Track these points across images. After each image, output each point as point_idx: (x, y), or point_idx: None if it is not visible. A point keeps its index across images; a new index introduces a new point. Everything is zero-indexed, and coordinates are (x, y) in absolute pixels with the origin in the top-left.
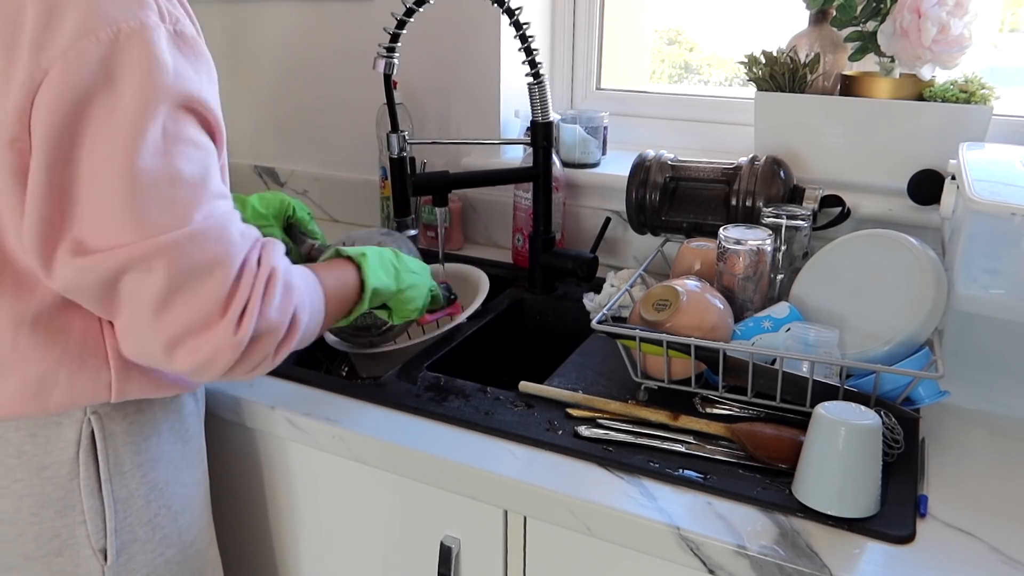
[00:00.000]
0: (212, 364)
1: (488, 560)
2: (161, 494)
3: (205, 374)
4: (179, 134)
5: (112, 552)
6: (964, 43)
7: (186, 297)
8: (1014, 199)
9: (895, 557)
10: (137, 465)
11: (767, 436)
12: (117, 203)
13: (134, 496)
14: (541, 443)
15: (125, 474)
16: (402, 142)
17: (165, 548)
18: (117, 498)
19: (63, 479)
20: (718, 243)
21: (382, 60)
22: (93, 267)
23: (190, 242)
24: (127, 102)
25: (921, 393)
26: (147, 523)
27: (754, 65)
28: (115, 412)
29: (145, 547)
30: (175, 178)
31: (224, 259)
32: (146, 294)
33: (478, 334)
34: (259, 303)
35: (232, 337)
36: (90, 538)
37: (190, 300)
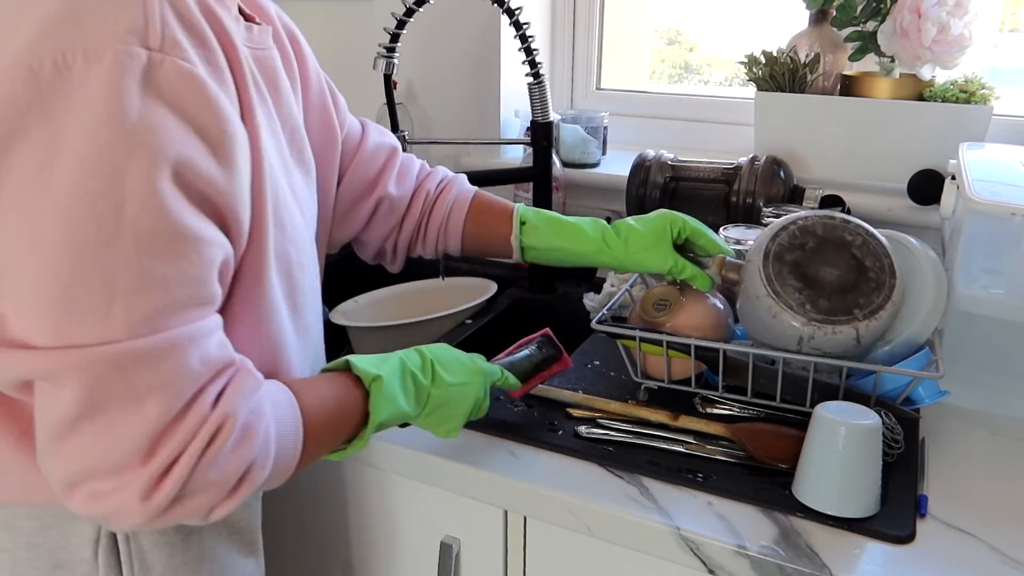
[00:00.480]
0: (112, 519)
1: (488, 560)
2: None
3: (106, 524)
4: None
5: None
6: (964, 43)
7: (99, 429)
8: (1014, 199)
9: (895, 557)
10: (171, 570)
11: (767, 436)
12: (37, 292)
13: None
14: (541, 443)
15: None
16: (402, 142)
17: None
18: None
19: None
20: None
21: (382, 60)
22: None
23: (122, 363)
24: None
25: (921, 393)
26: None
27: (754, 65)
28: None
29: None
30: (124, 277)
31: (165, 392)
32: (51, 411)
33: (478, 334)
34: (196, 457)
35: (143, 496)
36: None
37: (102, 434)
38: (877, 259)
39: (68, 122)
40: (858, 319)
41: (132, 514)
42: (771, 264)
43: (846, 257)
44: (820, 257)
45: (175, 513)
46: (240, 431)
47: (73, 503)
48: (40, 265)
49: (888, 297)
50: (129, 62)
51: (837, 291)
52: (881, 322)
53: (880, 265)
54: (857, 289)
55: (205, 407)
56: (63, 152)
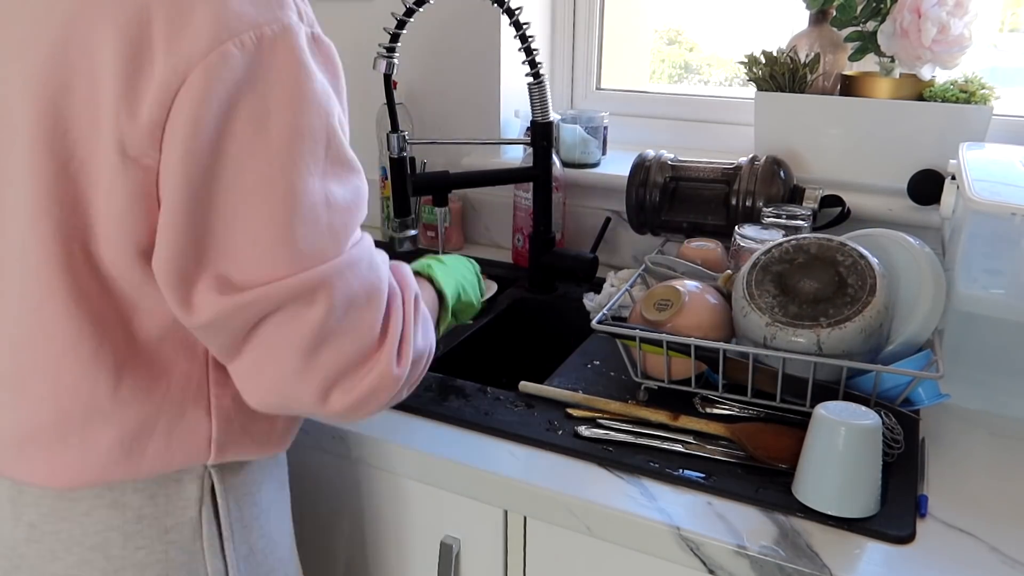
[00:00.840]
0: (369, 402)
1: (488, 560)
2: (275, 547)
3: (358, 413)
4: (331, 149)
5: None
6: (964, 43)
7: (344, 331)
8: (1014, 199)
9: (895, 557)
10: (254, 518)
11: (767, 436)
12: (272, 230)
13: (254, 551)
14: (541, 443)
15: (246, 528)
16: (402, 142)
17: None
18: (240, 555)
19: (187, 541)
20: (732, 241)
21: (382, 60)
22: (244, 305)
23: (349, 270)
24: (280, 114)
25: (921, 394)
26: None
27: (754, 65)
28: (233, 462)
29: None
30: (331, 200)
31: (378, 285)
32: (297, 334)
33: (478, 334)
34: (412, 329)
35: (394, 369)
36: None
37: (348, 334)
38: (861, 278)
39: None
40: (821, 326)
41: (389, 386)
42: (756, 272)
43: (830, 274)
44: (805, 271)
45: (407, 384)
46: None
47: (329, 406)
48: (274, 207)
49: (859, 312)
50: (300, 33)
51: (810, 301)
52: (846, 332)
53: (862, 283)
54: (830, 301)
55: (397, 290)
56: (273, 111)
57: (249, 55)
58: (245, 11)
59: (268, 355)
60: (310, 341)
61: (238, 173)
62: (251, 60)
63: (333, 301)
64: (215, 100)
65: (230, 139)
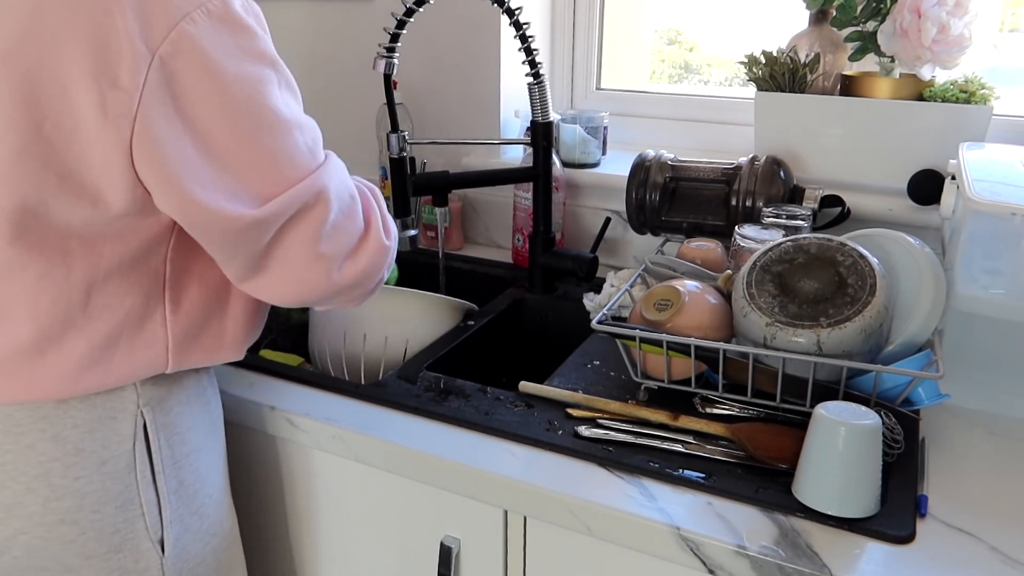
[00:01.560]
0: (372, 270)
1: (488, 560)
2: (204, 483)
3: (366, 282)
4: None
5: (169, 543)
6: (964, 43)
7: (342, 220)
8: (1014, 199)
9: (895, 557)
10: (184, 455)
11: (767, 436)
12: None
13: (184, 485)
14: (541, 443)
15: (176, 463)
16: (402, 142)
17: (211, 537)
18: (170, 488)
19: (122, 472)
20: (732, 241)
21: (382, 60)
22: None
23: (334, 173)
24: (240, 67)
25: (921, 394)
26: (195, 512)
27: (754, 65)
28: (163, 404)
29: (195, 536)
30: (300, 122)
31: (350, 181)
32: (309, 232)
33: (478, 334)
34: (386, 212)
35: (384, 242)
36: (148, 530)
37: (349, 221)
38: (861, 278)
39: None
40: (821, 326)
41: (383, 255)
42: (756, 271)
43: (830, 274)
44: (805, 271)
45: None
46: None
47: (343, 279)
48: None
49: (859, 312)
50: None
51: (810, 301)
52: (846, 332)
53: (862, 283)
54: (830, 301)
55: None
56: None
57: (201, 28)
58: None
59: (287, 258)
60: (320, 235)
61: (221, 132)
62: (203, 32)
63: (330, 199)
64: (186, 71)
65: (202, 107)
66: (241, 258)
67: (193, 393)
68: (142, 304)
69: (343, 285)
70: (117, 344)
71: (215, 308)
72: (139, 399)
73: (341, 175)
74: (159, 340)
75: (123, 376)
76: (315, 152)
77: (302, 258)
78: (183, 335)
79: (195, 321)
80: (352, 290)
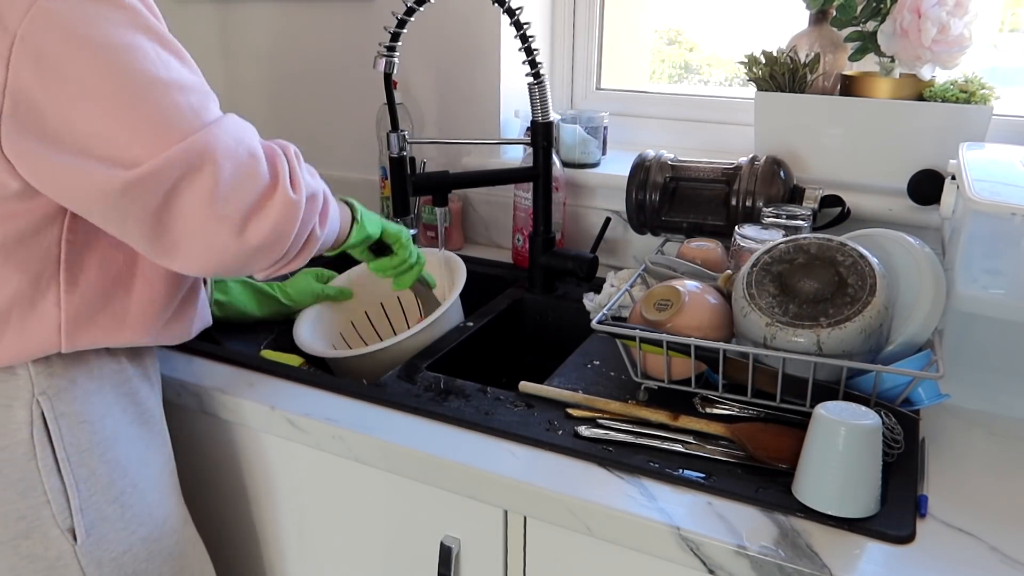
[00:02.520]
0: (283, 227)
1: (488, 560)
2: (124, 473)
3: (279, 243)
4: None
5: (81, 531)
6: (964, 43)
7: (239, 178)
8: (1014, 199)
9: (895, 557)
10: (95, 444)
11: (767, 436)
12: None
13: (96, 474)
14: (541, 443)
15: (83, 453)
16: (402, 141)
17: (137, 526)
18: (78, 476)
19: (20, 460)
20: (732, 241)
21: (382, 59)
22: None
23: (222, 131)
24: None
25: (921, 394)
26: (114, 501)
27: (754, 65)
28: (64, 393)
29: (115, 525)
30: (181, 83)
31: (252, 140)
32: (203, 190)
33: (478, 334)
34: (299, 170)
35: (291, 196)
36: (56, 518)
37: (243, 179)
38: (861, 278)
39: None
40: (821, 326)
41: (292, 211)
42: (756, 271)
43: (830, 274)
44: (805, 271)
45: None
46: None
47: (250, 239)
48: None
49: (859, 312)
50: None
51: (810, 301)
52: (846, 333)
53: (862, 283)
54: (830, 301)
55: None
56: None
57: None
58: None
59: (187, 225)
60: (215, 195)
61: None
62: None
63: (217, 158)
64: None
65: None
66: (134, 227)
67: (109, 382)
68: (30, 284)
69: (254, 245)
70: (7, 322)
71: (117, 289)
72: (34, 388)
73: (237, 134)
74: (51, 319)
75: (14, 355)
76: (200, 113)
77: (200, 221)
78: (78, 315)
79: (92, 301)
80: (267, 251)
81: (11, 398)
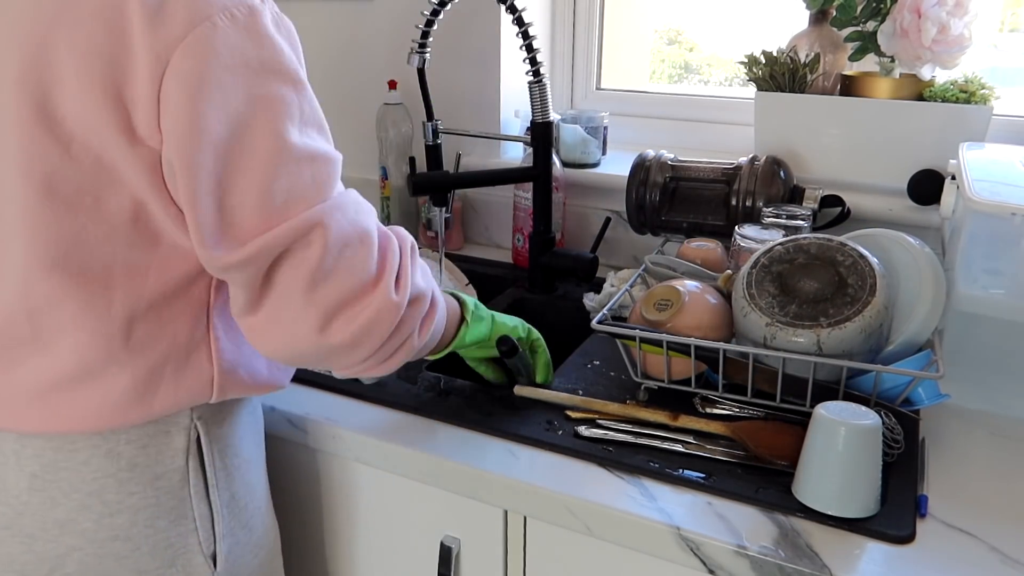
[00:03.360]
0: (373, 329)
1: (488, 560)
2: (253, 496)
3: (365, 343)
4: (304, 110)
5: (221, 557)
6: (964, 43)
7: (343, 265)
8: (1014, 199)
9: (895, 557)
10: (236, 468)
11: (768, 433)
12: (265, 185)
13: (236, 498)
14: (541, 443)
15: (229, 476)
16: (435, 134)
17: (259, 549)
18: (223, 501)
19: (175, 487)
20: (732, 241)
21: (415, 55)
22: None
23: (338, 211)
24: (258, 86)
25: (921, 394)
26: (245, 525)
27: (754, 65)
28: (215, 416)
29: (245, 549)
30: (312, 154)
31: (369, 226)
32: (301, 270)
33: None
34: (409, 266)
35: (392, 298)
36: (201, 545)
37: (346, 267)
38: (861, 278)
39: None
40: (821, 326)
41: (389, 315)
42: (756, 271)
43: (830, 274)
44: (805, 271)
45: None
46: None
47: (332, 335)
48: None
49: (859, 312)
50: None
51: (810, 301)
52: (846, 332)
53: (862, 283)
54: (830, 301)
55: (388, 234)
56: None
57: (223, 35)
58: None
59: (280, 299)
60: (312, 277)
61: (232, 141)
62: (225, 39)
63: (327, 240)
64: (198, 79)
65: (217, 113)
66: (240, 291)
67: (244, 403)
68: (187, 334)
69: (335, 344)
70: (161, 378)
71: None
72: (193, 412)
73: (354, 214)
74: (205, 371)
75: (167, 408)
76: (321, 187)
77: (292, 301)
78: (229, 366)
79: (240, 352)
80: (350, 351)
81: (170, 423)
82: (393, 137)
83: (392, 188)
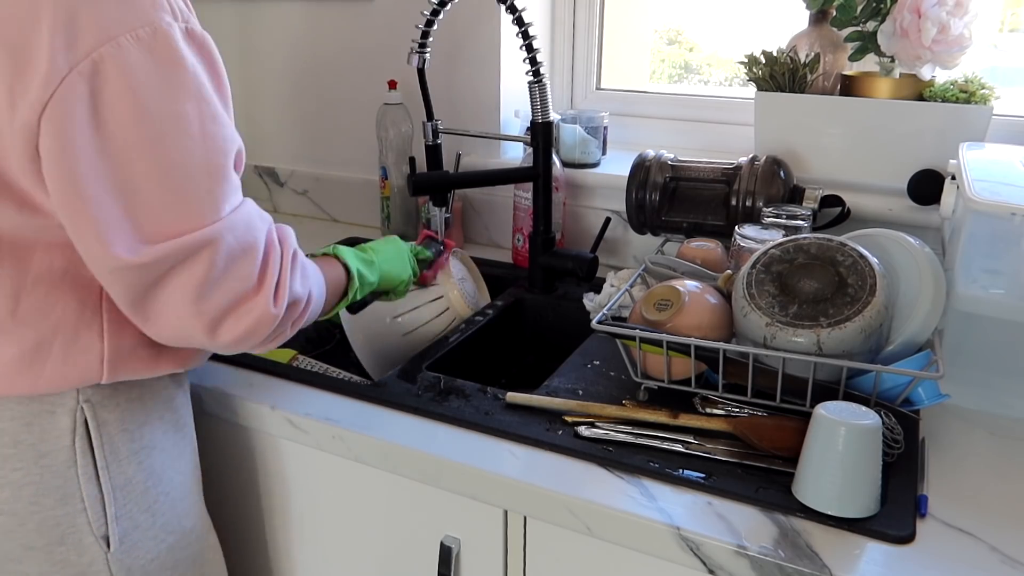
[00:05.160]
0: (253, 334)
1: (488, 560)
2: (159, 481)
3: (246, 343)
4: (204, 128)
5: (115, 539)
6: (964, 43)
7: (226, 280)
8: (1014, 199)
9: (895, 557)
10: (133, 452)
11: (769, 428)
12: (162, 201)
13: (132, 483)
14: (541, 443)
15: (121, 461)
16: (435, 134)
17: (167, 535)
18: (115, 485)
19: (60, 467)
20: (732, 241)
21: (415, 55)
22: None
23: (229, 231)
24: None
25: (921, 394)
26: (146, 510)
27: (754, 65)
28: (107, 400)
29: (147, 533)
30: (211, 169)
31: (253, 243)
32: (188, 285)
33: (478, 334)
34: (288, 277)
35: (271, 309)
36: (91, 525)
37: (229, 282)
38: (861, 278)
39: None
40: (821, 326)
41: (267, 322)
42: (756, 271)
43: (830, 274)
44: (805, 272)
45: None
46: (301, 262)
47: (220, 338)
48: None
49: (859, 312)
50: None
51: (810, 301)
52: (846, 333)
53: (862, 283)
54: (830, 301)
55: (276, 245)
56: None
57: (126, 55)
58: (122, 16)
59: (165, 307)
60: (198, 289)
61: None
62: (127, 59)
63: (215, 257)
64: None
65: (112, 130)
66: (121, 295)
67: (149, 389)
68: (76, 312)
69: (222, 342)
70: (50, 351)
71: None
72: (79, 395)
73: (241, 231)
74: (94, 350)
75: (56, 383)
76: (219, 203)
77: (179, 311)
78: (120, 347)
79: (134, 334)
80: (235, 346)
81: (55, 404)
82: (393, 137)
83: (392, 188)
